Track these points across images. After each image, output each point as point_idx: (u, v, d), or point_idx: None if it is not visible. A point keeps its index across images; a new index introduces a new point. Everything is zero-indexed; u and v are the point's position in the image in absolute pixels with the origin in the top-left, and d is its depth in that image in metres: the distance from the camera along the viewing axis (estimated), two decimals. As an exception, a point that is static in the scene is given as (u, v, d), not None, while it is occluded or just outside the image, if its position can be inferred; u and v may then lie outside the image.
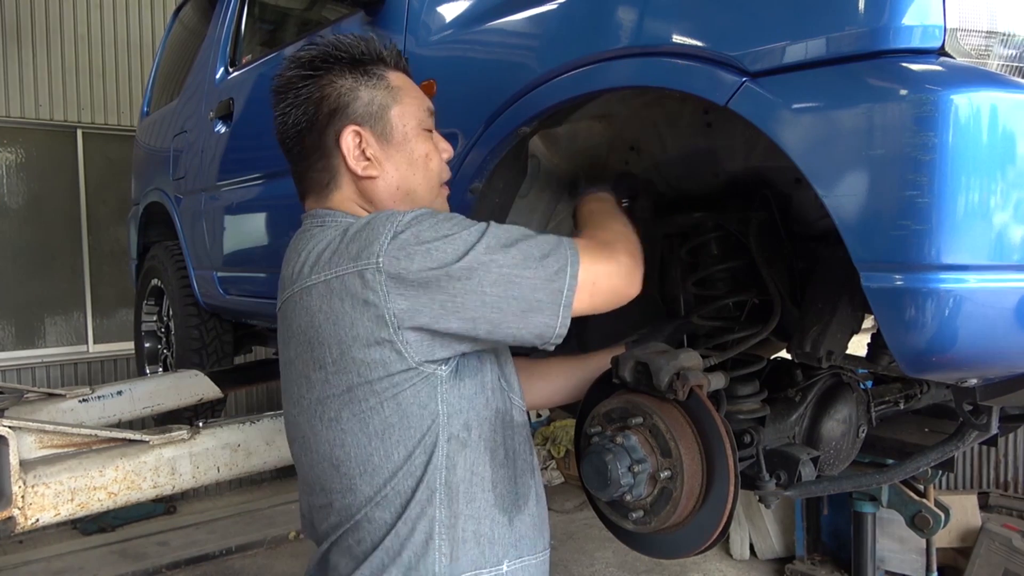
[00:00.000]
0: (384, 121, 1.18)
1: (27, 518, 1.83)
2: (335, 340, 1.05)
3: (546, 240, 1.08)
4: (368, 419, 1.07)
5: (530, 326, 1.05)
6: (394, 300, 1.01)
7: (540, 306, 1.04)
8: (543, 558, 1.19)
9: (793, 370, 1.45)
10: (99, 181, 6.07)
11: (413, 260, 1.01)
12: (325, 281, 1.06)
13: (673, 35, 1.13)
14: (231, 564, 4.85)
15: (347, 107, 1.17)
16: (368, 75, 1.19)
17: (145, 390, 2.84)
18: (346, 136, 1.16)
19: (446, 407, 1.08)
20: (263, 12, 2.95)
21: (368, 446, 1.07)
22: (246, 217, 2.74)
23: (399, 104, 1.20)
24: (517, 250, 1.04)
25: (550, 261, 1.05)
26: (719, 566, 4.68)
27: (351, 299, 1.03)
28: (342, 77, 1.17)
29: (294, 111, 1.18)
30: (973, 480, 4.84)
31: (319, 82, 1.17)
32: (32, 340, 5.87)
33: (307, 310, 1.08)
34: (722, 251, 1.45)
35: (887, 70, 0.90)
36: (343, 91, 1.17)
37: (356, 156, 1.17)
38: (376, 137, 1.18)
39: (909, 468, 1.34)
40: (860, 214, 0.91)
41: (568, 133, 1.53)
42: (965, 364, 0.95)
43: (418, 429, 1.06)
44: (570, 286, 1.05)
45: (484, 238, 1.04)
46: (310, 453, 1.14)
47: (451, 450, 1.08)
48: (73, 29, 5.85)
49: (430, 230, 1.03)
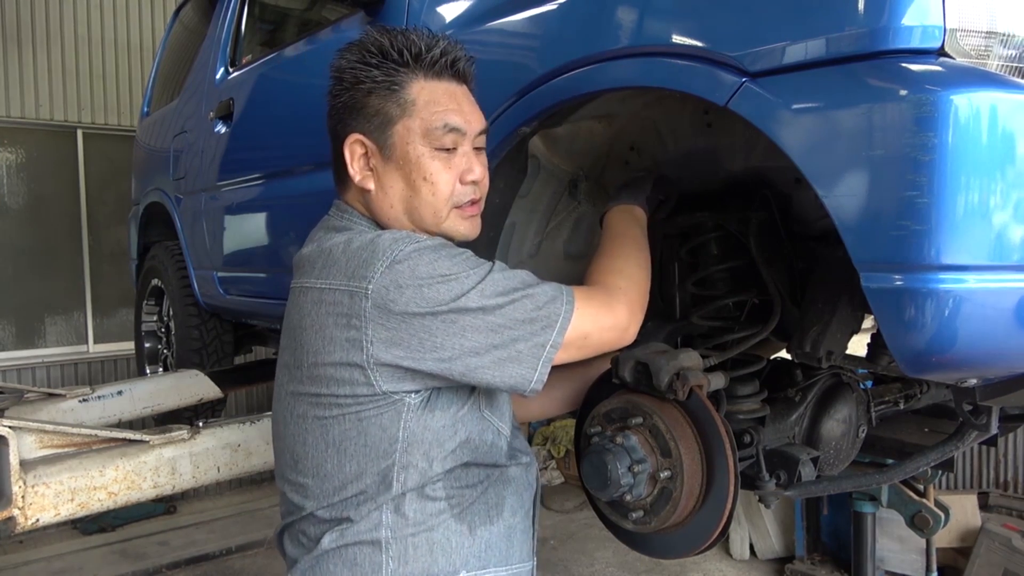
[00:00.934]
0: (386, 135, 1.12)
1: (27, 518, 1.83)
2: (312, 348, 1.06)
3: (544, 292, 1.06)
4: (329, 427, 1.07)
5: (505, 376, 1.04)
6: (374, 329, 1.01)
7: (519, 357, 1.03)
8: (518, 570, 1.18)
9: (793, 370, 1.45)
10: (99, 181, 6.07)
11: (403, 294, 1.00)
12: (319, 289, 1.06)
13: (673, 35, 1.13)
14: (231, 564, 4.85)
15: (356, 113, 1.13)
16: (389, 79, 1.11)
17: (145, 390, 2.84)
18: (349, 143, 1.14)
19: (407, 435, 1.06)
20: (263, 12, 2.95)
21: (324, 452, 1.08)
22: (246, 217, 2.74)
23: (408, 118, 1.11)
24: (511, 304, 1.03)
25: (541, 315, 1.04)
26: (719, 566, 4.68)
27: (335, 316, 1.03)
28: (364, 78, 1.11)
29: (331, 102, 1.16)
30: (973, 480, 4.84)
31: (346, 80, 1.13)
32: (32, 340, 5.87)
33: (300, 309, 1.09)
34: (722, 251, 1.45)
35: (887, 70, 0.90)
36: (359, 95, 1.12)
37: (359, 166, 1.14)
38: (379, 149, 1.13)
39: (909, 468, 1.34)
40: (860, 214, 0.91)
41: (568, 133, 1.53)
42: (965, 364, 0.95)
43: (374, 450, 1.06)
44: (554, 343, 1.04)
45: (481, 284, 1.02)
46: (280, 440, 1.16)
47: (408, 477, 1.07)
48: (73, 29, 5.85)
49: (427, 266, 1.01)
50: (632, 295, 1.17)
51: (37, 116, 5.72)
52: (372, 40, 1.13)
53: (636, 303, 1.17)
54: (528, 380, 1.05)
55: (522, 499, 1.21)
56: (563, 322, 1.05)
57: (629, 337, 1.16)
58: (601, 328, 1.10)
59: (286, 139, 2.38)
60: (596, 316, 1.09)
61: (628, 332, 1.15)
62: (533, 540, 1.24)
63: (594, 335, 1.09)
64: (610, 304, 1.13)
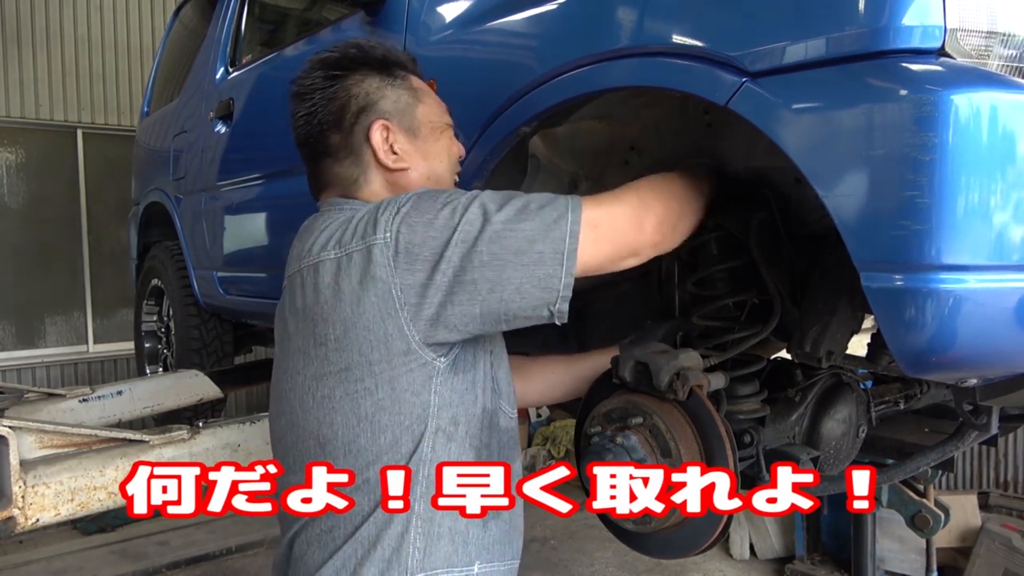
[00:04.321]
0: (411, 117, 1.23)
1: (27, 518, 1.83)
2: (339, 317, 1.06)
3: (543, 195, 1.08)
4: (361, 400, 1.07)
5: (533, 280, 1.02)
6: (401, 275, 1.02)
7: (541, 258, 1.02)
8: (511, 567, 1.18)
9: (793, 370, 1.45)
10: (99, 181, 6.07)
11: (416, 232, 1.02)
12: (335, 259, 1.07)
13: (673, 35, 1.13)
14: (231, 564, 4.85)
15: (375, 104, 1.21)
16: (392, 76, 1.24)
17: (145, 390, 2.84)
18: (375, 131, 1.19)
19: (438, 398, 1.07)
20: (263, 12, 2.95)
21: (356, 427, 1.07)
22: (246, 217, 2.74)
23: (423, 103, 1.25)
24: (512, 206, 1.04)
25: (547, 211, 1.04)
26: (719, 566, 4.68)
27: (359, 276, 1.04)
28: (368, 77, 1.22)
29: (320, 110, 1.20)
30: (973, 480, 4.84)
31: (346, 82, 1.21)
32: (32, 340, 5.87)
33: (315, 286, 1.09)
34: (722, 251, 1.45)
35: (887, 70, 0.90)
36: (371, 90, 1.21)
37: (385, 150, 1.20)
38: (404, 132, 1.22)
39: (909, 468, 1.35)
40: (860, 214, 0.91)
41: (568, 133, 1.53)
42: (965, 364, 0.95)
43: (408, 416, 1.06)
44: (572, 233, 1.03)
45: (479, 198, 1.05)
46: (296, 430, 1.14)
47: (437, 442, 1.08)
48: (73, 30, 5.86)
49: (429, 202, 1.05)
50: (644, 191, 1.16)
51: (37, 116, 5.72)
52: (353, 49, 1.24)
53: (650, 198, 1.15)
54: (557, 279, 1.03)
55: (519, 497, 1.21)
56: (573, 213, 1.04)
57: (648, 231, 1.12)
58: (611, 215, 1.09)
59: (286, 139, 2.37)
60: (601, 203, 1.09)
61: (643, 222, 1.11)
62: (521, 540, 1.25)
63: (604, 223, 1.07)
64: (616, 195, 1.13)
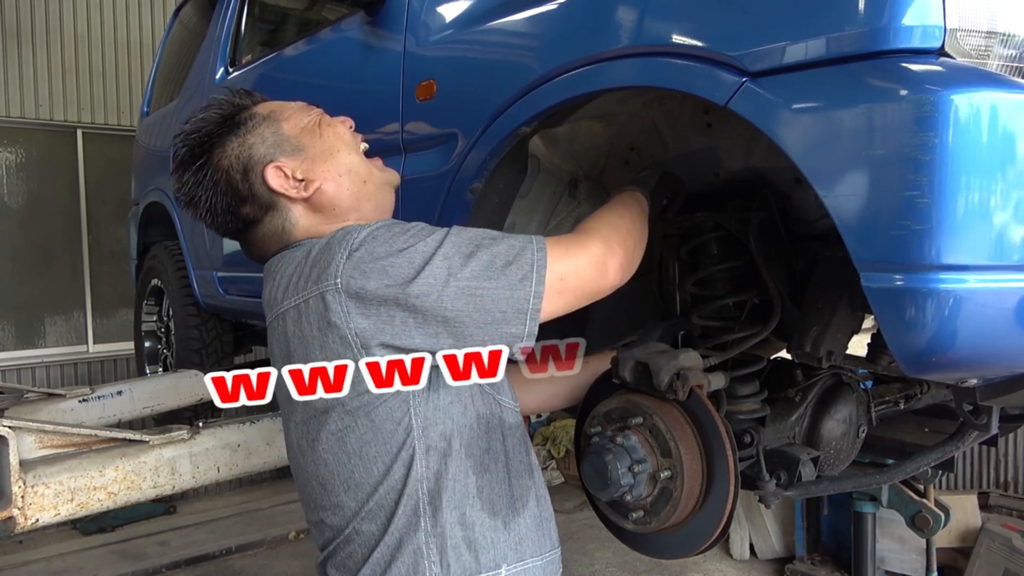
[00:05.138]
0: (286, 140, 1.19)
1: (27, 518, 1.83)
2: (308, 363, 1.06)
3: (510, 245, 1.05)
4: (345, 438, 1.07)
5: (495, 338, 1.04)
6: (355, 320, 1.01)
7: (505, 318, 1.03)
8: (550, 558, 1.18)
9: (793, 370, 1.45)
10: (99, 181, 6.07)
11: (369, 278, 1.00)
12: (295, 306, 1.07)
13: (673, 35, 1.13)
14: (231, 564, 4.85)
15: (251, 158, 1.17)
16: (241, 124, 1.20)
17: (145, 390, 2.84)
18: (271, 177, 1.17)
19: (420, 420, 1.07)
20: (263, 12, 2.95)
21: (348, 464, 1.08)
22: (246, 217, 2.74)
23: (284, 121, 1.21)
24: (477, 261, 1.02)
25: (513, 269, 1.03)
26: (719, 566, 4.68)
27: (317, 322, 1.03)
28: (226, 144, 1.18)
29: (216, 201, 1.19)
30: (973, 480, 4.84)
31: (212, 164, 1.18)
32: (32, 340, 5.87)
33: (283, 336, 1.10)
34: (722, 251, 1.45)
35: (887, 70, 0.90)
36: (238, 151, 1.18)
37: (292, 185, 1.17)
38: (291, 157, 1.18)
39: (909, 468, 1.34)
40: (860, 214, 0.91)
41: (568, 133, 1.53)
42: (965, 364, 0.95)
43: (394, 444, 1.06)
44: (536, 294, 1.03)
45: (442, 248, 1.02)
46: (302, 472, 1.16)
47: (431, 461, 1.07)
48: (73, 29, 5.85)
49: (384, 244, 1.02)
50: (606, 232, 1.15)
51: (37, 116, 5.72)
52: (194, 132, 1.20)
53: (613, 240, 1.14)
54: (519, 338, 1.04)
55: (541, 487, 1.21)
56: (539, 272, 1.03)
57: (611, 275, 1.12)
58: (576, 267, 1.08)
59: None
60: (568, 253, 1.08)
61: (607, 267, 1.11)
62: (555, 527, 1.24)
63: (570, 277, 1.07)
64: (581, 244, 1.11)
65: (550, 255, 1.05)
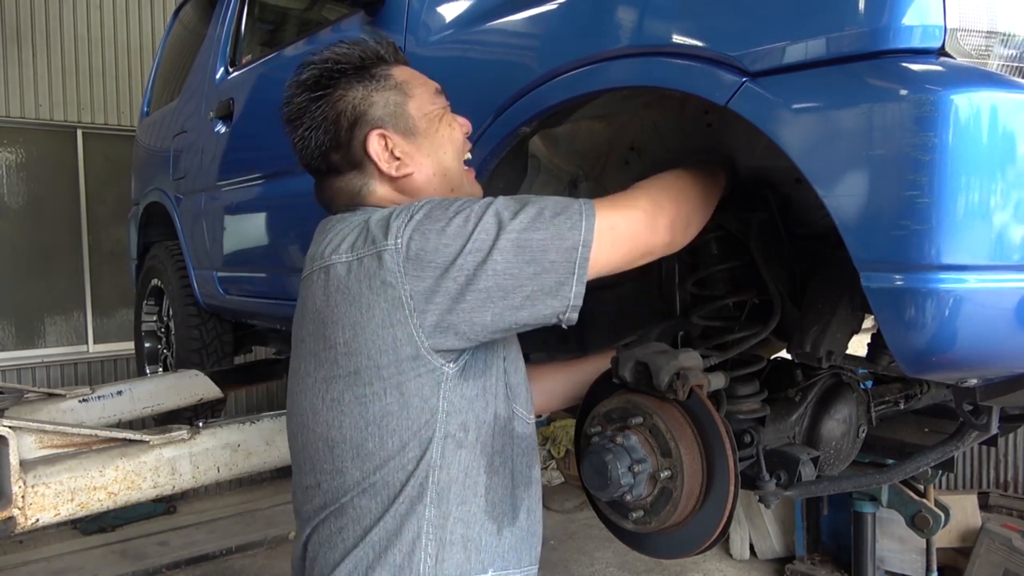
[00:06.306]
0: (404, 117, 1.20)
1: (27, 518, 1.83)
2: (349, 321, 1.06)
3: (557, 200, 1.07)
4: (369, 403, 1.07)
5: (545, 289, 1.03)
6: (411, 281, 1.02)
7: (554, 267, 1.02)
8: (528, 573, 1.18)
9: (793, 370, 1.45)
10: (99, 181, 6.07)
11: (428, 239, 1.02)
12: (346, 263, 1.07)
13: (673, 35, 1.13)
14: (231, 564, 4.85)
15: (365, 114, 1.19)
16: (375, 78, 1.21)
17: (145, 390, 2.84)
18: (373, 142, 1.18)
19: (446, 404, 1.07)
20: (263, 12, 2.95)
21: (364, 430, 1.07)
22: (246, 217, 2.74)
23: (412, 97, 1.22)
24: (526, 214, 1.03)
25: (561, 219, 1.04)
26: (719, 566, 4.68)
27: (369, 281, 1.04)
28: (351, 88, 1.19)
29: (314, 134, 1.19)
30: (973, 480, 4.84)
31: (330, 99, 1.19)
32: (32, 340, 5.87)
33: (324, 289, 1.09)
34: (722, 251, 1.45)
35: (887, 70, 0.90)
36: (357, 101, 1.19)
37: (387, 159, 1.19)
38: (401, 134, 1.20)
39: (909, 468, 1.34)
40: (860, 214, 0.91)
41: (568, 133, 1.53)
42: (965, 364, 0.95)
43: (416, 421, 1.06)
44: (585, 242, 1.03)
45: (492, 206, 1.04)
46: (306, 431, 1.14)
47: (446, 448, 1.07)
48: (73, 29, 5.85)
49: (441, 210, 1.05)
50: (655, 192, 1.15)
51: (37, 116, 5.72)
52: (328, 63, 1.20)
53: (662, 198, 1.14)
54: (568, 287, 1.03)
55: (535, 503, 1.21)
56: (587, 221, 1.04)
57: (661, 231, 1.12)
58: (627, 220, 1.08)
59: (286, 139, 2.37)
60: (615, 211, 1.08)
61: (656, 223, 1.11)
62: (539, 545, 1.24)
63: (620, 227, 1.07)
64: (630, 200, 1.12)
65: (598, 207, 1.06)
